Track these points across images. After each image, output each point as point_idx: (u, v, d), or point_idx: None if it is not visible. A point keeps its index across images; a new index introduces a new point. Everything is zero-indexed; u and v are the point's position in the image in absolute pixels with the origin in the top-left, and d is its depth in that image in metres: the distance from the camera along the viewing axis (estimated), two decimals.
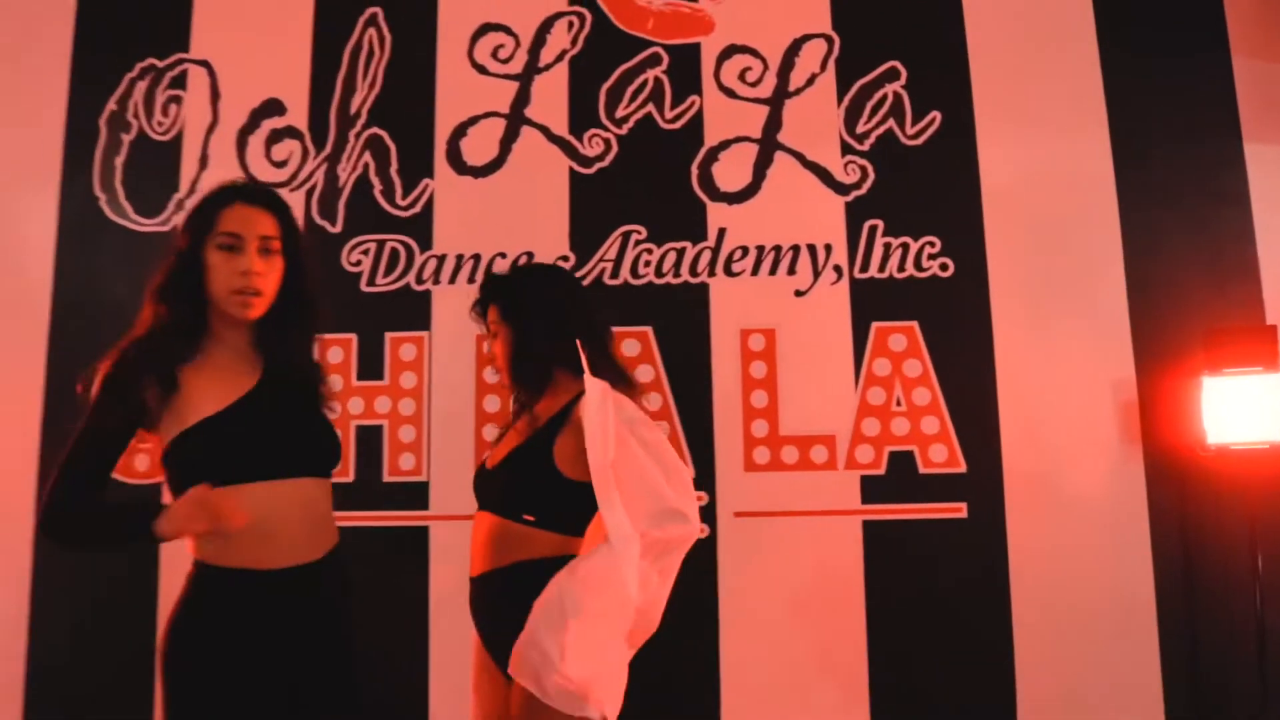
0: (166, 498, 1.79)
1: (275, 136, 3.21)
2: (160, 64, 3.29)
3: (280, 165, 3.18)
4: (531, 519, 2.01)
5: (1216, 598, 2.88)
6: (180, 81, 3.27)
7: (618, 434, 1.91)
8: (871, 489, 2.97)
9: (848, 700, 2.88)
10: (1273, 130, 3.13)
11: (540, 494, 2.02)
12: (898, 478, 2.96)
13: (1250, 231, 3.05)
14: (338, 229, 3.13)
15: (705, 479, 2.95)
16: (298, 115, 3.22)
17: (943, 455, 2.96)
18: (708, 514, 2.94)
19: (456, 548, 2.43)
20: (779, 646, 2.92)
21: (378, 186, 3.15)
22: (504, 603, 1.97)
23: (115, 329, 3.19)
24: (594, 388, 1.92)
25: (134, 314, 3.26)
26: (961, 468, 2.95)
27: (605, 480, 1.86)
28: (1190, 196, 3.06)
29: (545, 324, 2.10)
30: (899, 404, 2.98)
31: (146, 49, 3.30)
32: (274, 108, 3.23)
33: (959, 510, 2.95)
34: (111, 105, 3.28)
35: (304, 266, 1.91)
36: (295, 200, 3.13)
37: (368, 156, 3.17)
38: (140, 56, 3.29)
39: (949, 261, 3.03)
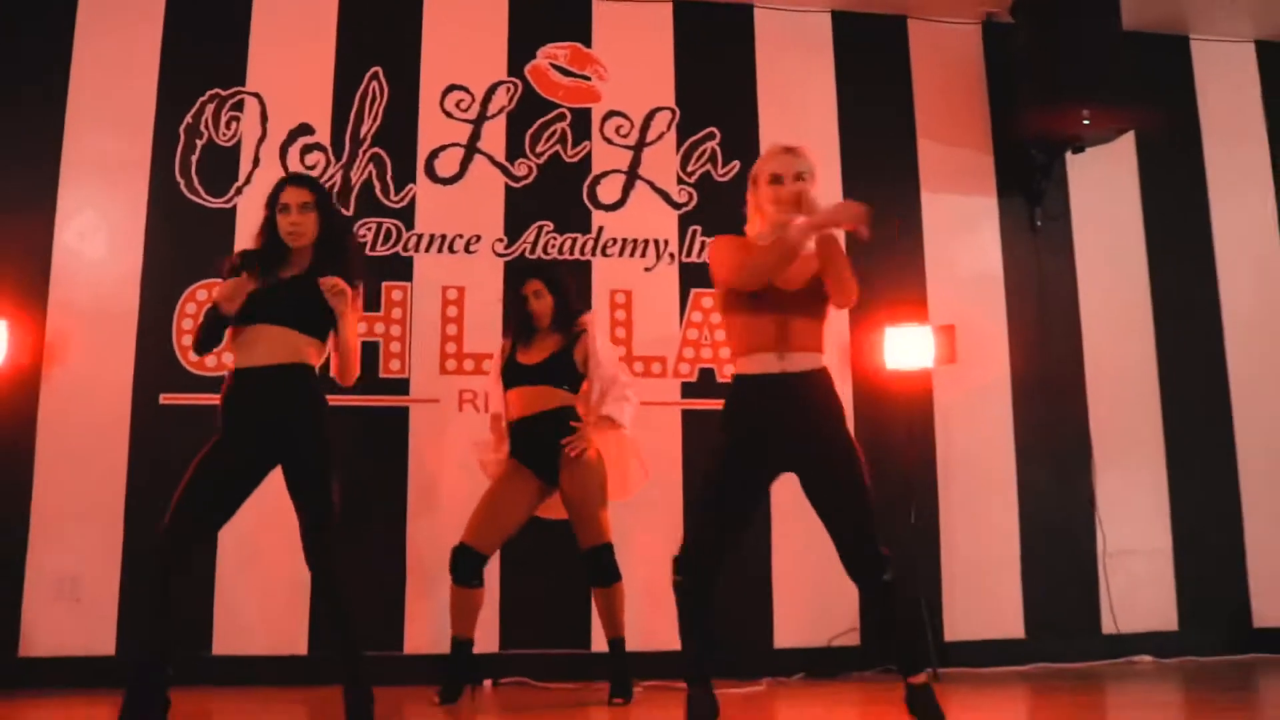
0: None
1: (307, 149, 4.82)
2: (224, 92, 4.84)
3: (311, 168, 4.77)
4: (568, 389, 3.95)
5: (889, 453, 4.84)
6: (239, 106, 4.83)
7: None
8: (688, 390, 4.82)
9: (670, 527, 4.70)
10: (939, 184, 5.14)
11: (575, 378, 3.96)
12: (704, 384, 4.82)
13: (921, 248, 5.06)
14: (350, 213, 4.75)
15: None
16: (323, 135, 4.84)
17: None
18: None
19: (424, 420, 4.41)
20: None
21: (378, 187, 4.81)
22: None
23: (189, 273, 4.70)
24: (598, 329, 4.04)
25: (205, 264, 4.73)
26: None
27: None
28: (882, 223, 5.01)
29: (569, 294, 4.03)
30: (706, 339, 4.84)
31: (213, 81, 4.83)
32: (306, 129, 4.83)
33: None
34: (188, 119, 4.80)
35: (332, 218, 3.32)
36: None
37: (371, 167, 4.82)
38: (210, 86, 4.82)
39: None
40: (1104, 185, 5.26)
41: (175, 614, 3.10)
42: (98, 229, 4.69)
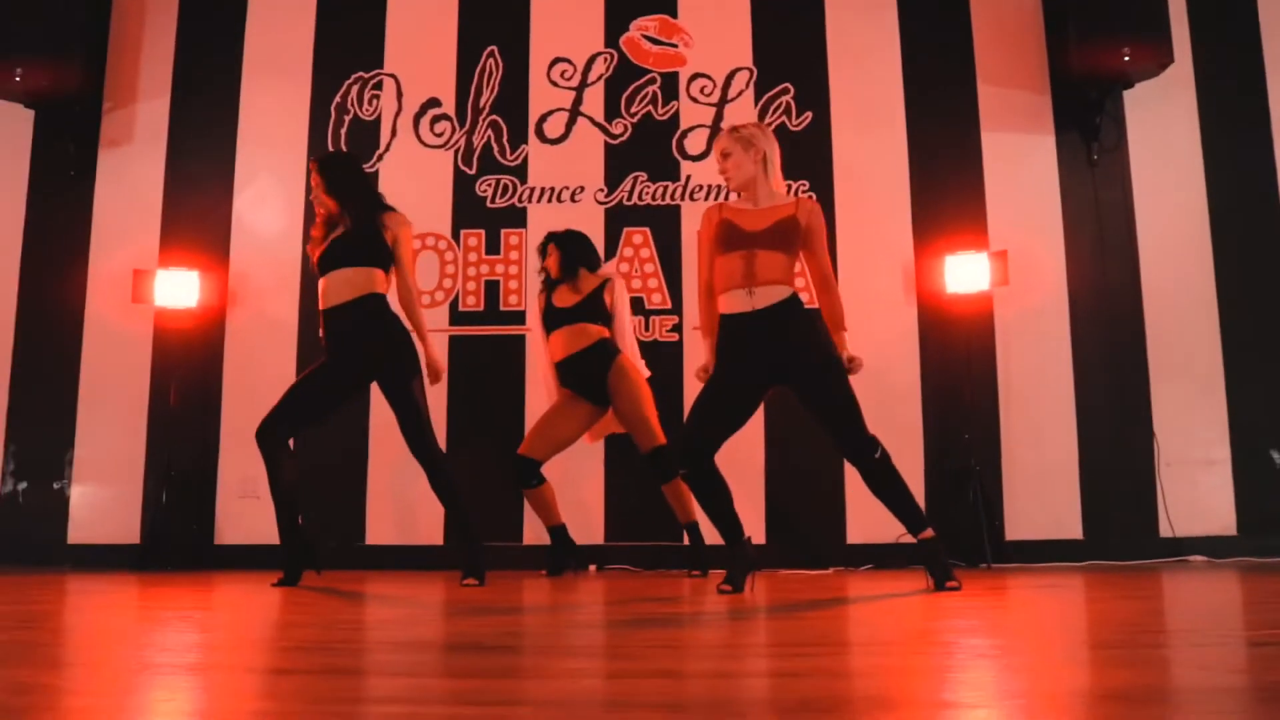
0: None
1: (435, 119, 5.64)
2: (366, 75, 5.70)
3: (439, 135, 5.60)
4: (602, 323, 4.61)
5: (952, 370, 5.34)
6: (379, 85, 5.69)
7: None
8: None
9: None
10: (998, 124, 5.58)
11: (604, 317, 4.60)
12: None
13: (981, 184, 5.51)
14: (473, 171, 5.56)
15: (677, 305, 5.40)
16: (449, 107, 5.65)
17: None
18: (679, 326, 5.39)
19: (538, 345, 4.94)
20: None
21: (496, 149, 5.59)
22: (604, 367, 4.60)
23: None
24: (619, 277, 4.66)
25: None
26: None
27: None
28: (949, 164, 5.51)
29: (579, 252, 4.71)
30: None
31: (358, 65, 5.71)
32: (434, 102, 5.66)
33: None
34: (338, 99, 5.69)
35: (333, 178, 3.95)
36: (448, 156, 5.57)
37: (490, 132, 5.60)
38: (354, 70, 5.70)
39: (815, 195, 5.48)
40: (1162, 119, 5.58)
41: (283, 480, 3.91)
42: (267, 194, 5.63)
